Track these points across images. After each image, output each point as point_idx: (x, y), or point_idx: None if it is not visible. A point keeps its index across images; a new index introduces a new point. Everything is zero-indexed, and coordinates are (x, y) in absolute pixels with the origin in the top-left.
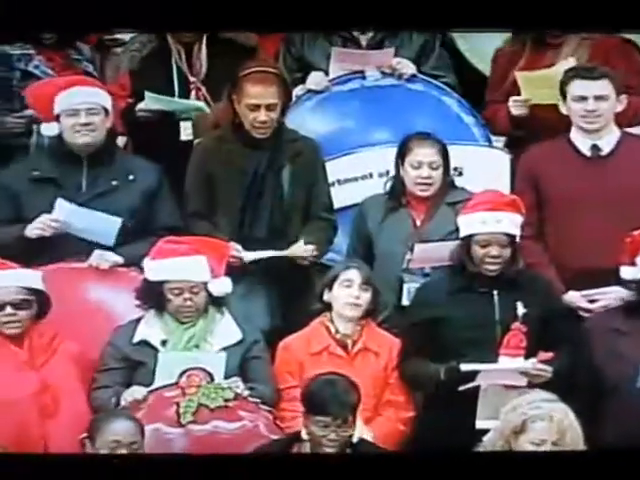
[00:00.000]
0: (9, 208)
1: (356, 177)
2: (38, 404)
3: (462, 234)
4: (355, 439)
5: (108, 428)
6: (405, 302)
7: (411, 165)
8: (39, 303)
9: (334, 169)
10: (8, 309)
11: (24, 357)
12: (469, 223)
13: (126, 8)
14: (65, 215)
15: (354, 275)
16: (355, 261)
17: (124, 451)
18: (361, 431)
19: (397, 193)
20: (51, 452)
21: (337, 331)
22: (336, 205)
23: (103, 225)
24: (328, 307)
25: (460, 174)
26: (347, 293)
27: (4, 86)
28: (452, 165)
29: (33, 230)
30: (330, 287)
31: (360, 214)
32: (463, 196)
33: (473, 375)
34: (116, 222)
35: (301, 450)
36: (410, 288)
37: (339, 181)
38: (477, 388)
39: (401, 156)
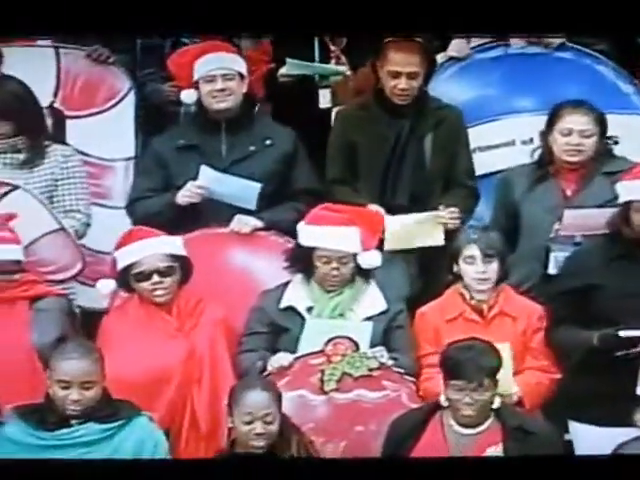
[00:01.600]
0: (159, 176)
1: (498, 144)
2: (186, 371)
3: (621, 200)
4: (496, 405)
5: (242, 400)
6: (552, 271)
7: (560, 132)
8: (182, 269)
9: (475, 136)
10: (155, 277)
11: (174, 324)
12: (630, 189)
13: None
14: (209, 181)
15: (474, 251)
16: (475, 232)
17: (259, 424)
18: (509, 387)
19: (545, 162)
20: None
21: (472, 297)
22: (476, 172)
23: (244, 190)
24: (460, 277)
25: (616, 143)
26: (472, 269)
27: (157, 54)
28: (608, 134)
29: (182, 198)
30: (457, 261)
31: (505, 183)
32: (623, 166)
33: (632, 341)
34: (256, 187)
35: (442, 418)
36: (557, 257)
37: (480, 148)
38: (635, 356)
39: (550, 124)
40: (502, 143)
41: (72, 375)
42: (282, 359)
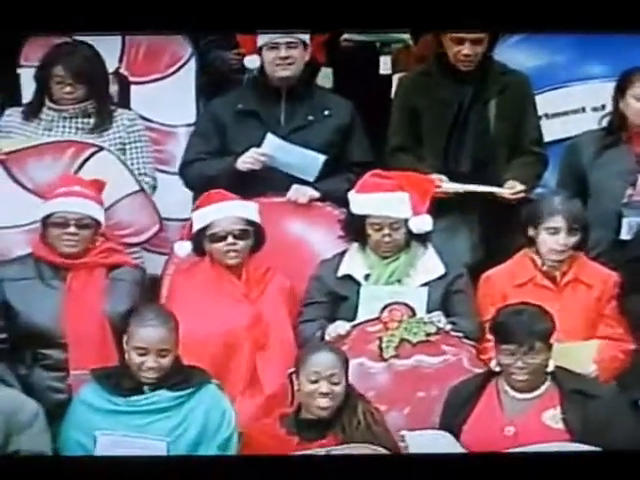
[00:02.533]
0: (216, 139)
1: (567, 111)
2: (251, 336)
3: None
4: (551, 368)
5: (309, 361)
6: (625, 236)
7: (635, 98)
8: (255, 235)
9: (543, 103)
10: (230, 239)
11: (241, 289)
12: None
13: None
14: (273, 149)
15: (560, 223)
16: (562, 202)
17: (324, 383)
18: (587, 368)
19: (616, 128)
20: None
21: (544, 263)
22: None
23: (307, 161)
24: (533, 242)
25: None
26: (553, 240)
27: None
28: None
29: (243, 164)
30: (535, 226)
31: (573, 149)
32: None
33: None
34: (320, 159)
35: (498, 383)
36: (631, 222)
37: (547, 115)
38: None
39: (621, 89)
40: (572, 110)
41: (149, 342)
42: (339, 327)
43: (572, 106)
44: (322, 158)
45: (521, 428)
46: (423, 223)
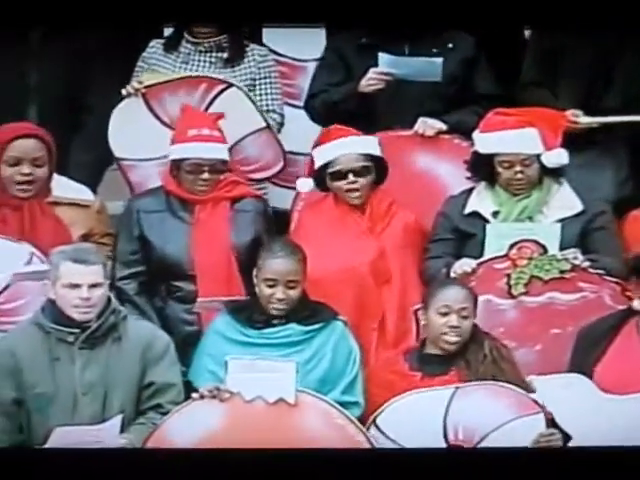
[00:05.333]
0: (342, 72)
1: None
2: (375, 271)
3: None
4: None
5: (439, 294)
6: None
7: None
8: (377, 169)
9: None
10: (350, 177)
11: (366, 224)
12: None
13: None
14: (388, 65)
15: None
16: None
17: (454, 317)
18: None
19: None
20: None
21: None
22: None
23: (426, 66)
24: None
25: None
26: None
27: None
28: None
29: (367, 86)
30: None
31: None
32: None
33: None
34: (438, 62)
35: (639, 323)
36: None
37: None
38: None
39: None
40: None
41: (278, 273)
42: (465, 265)
43: None
44: (440, 60)
45: None
46: (558, 157)
